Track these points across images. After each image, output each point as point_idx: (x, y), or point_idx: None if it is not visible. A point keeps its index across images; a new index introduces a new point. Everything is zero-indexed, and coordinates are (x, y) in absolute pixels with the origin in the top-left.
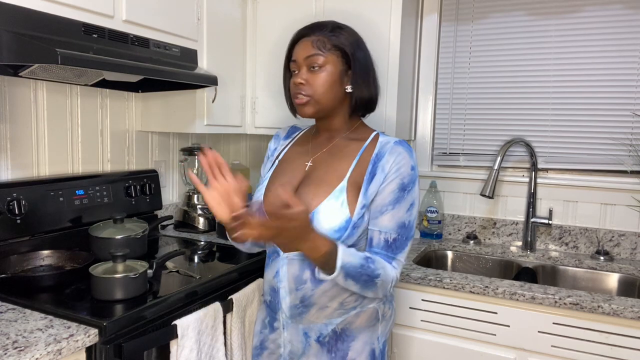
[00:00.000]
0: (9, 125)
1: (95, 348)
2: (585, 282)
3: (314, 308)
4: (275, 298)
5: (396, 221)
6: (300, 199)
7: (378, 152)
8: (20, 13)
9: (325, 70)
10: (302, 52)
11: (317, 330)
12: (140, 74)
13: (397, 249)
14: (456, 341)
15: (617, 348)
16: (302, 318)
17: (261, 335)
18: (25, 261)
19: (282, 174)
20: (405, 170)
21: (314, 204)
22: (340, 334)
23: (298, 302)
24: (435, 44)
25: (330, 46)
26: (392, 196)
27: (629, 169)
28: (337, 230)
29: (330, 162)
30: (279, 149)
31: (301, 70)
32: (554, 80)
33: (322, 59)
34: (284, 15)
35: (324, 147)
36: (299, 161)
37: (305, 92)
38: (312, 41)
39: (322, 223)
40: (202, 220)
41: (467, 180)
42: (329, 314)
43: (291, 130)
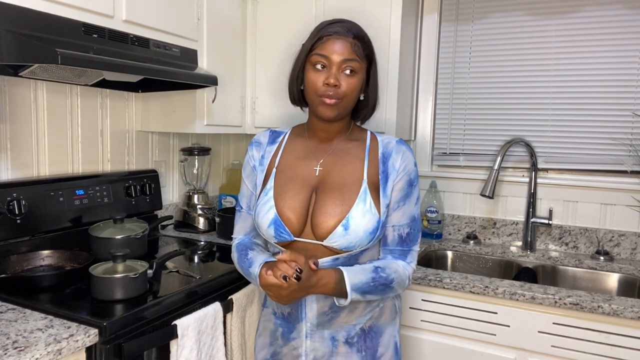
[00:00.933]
0: (9, 125)
1: (95, 348)
2: (585, 282)
3: (344, 312)
4: (297, 309)
5: (408, 215)
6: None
7: (384, 151)
8: (20, 13)
9: (357, 77)
10: (340, 52)
11: (345, 332)
12: (140, 74)
13: (410, 242)
14: (456, 341)
15: (617, 348)
16: (331, 323)
17: (271, 348)
18: (25, 261)
19: (290, 183)
20: (411, 167)
21: (345, 210)
22: (369, 331)
23: (327, 309)
24: (435, 44)
25: (363, 54)
26: (402, 193)
27: (629, 169)
28: (372, 232)
29: (341, 164)
30: (268, 156)
31: (333, 70)
32: (554, 80)
33: (358, 65)
34: (284, 15)
35: (327, 150)
36: (304, 167)
37: (338, 96)
38: (352, 44)
39: (358, 228)
40: (202, 220)
41: (467, 180)
42: (359, 314)
43: (273, 135)
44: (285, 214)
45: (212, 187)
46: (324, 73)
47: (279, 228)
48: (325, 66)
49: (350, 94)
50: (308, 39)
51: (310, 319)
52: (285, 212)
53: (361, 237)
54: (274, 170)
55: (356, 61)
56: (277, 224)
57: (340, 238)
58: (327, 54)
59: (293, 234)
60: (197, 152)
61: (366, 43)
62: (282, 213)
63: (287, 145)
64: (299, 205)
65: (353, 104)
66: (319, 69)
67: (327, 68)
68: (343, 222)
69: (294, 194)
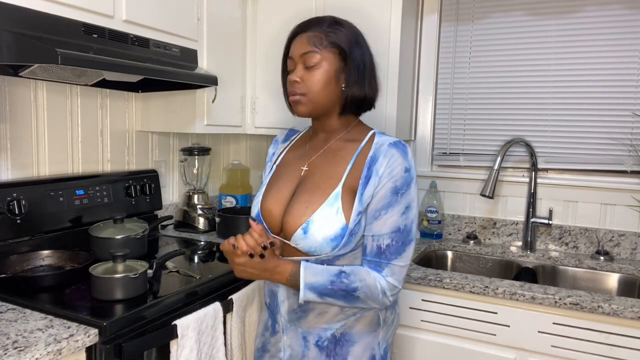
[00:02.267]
0: (9, 125)
1: (95, 348)
2: (585, 282)
3: (312, 313)
4: (274, 301)
5: (389, 226)
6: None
7: (373, 154)
8: (20, 13)
9: (321, 68)
10: (298, 48)
11: (316, 335)
12: (140, 74)
13: (391, 255)
14: (456, 341)
15: (617, 348)
16: (300, 322)
17: (263, 337)
18: (25, 261)
19: (277, 180)
20: (398, 172)
21: (308, 213)
22: (340, 338)
23: (296, 307)
24: (435, 44)
25: (326, 43)
26: (385, 200)
27: (629, 169)
28: (333, 239)
29: (326, 165)
30: (277, 153)
31: (297, 68)
32: (554, 80)
33: (318, 56)
34: (284, 15)
35: (319, 149)
36: (294, 166)
37: (300, 91)
38: (309, 37)
39: (316, 233)
40: (202, 220)
41: (467, 180)
42: (328, 319)
43: (290, 133)
44: (267, 209)
45: (212, 187)
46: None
47: (259, 222)
48: (292, 68)
49: (314, 85)
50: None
51: (282, 314)
52: (267, 207)
53: (320, 243)
54: (274, 167)
55: (314, 52)
56: (259, 218)
57: (300, 241)
58: (290, 54)
59: (272, 229)
60: (197, 152)
61: (332, 29)
62: (264, 209)
63: (294, 143)
64: (279, 202)
65: (325, 95)
66: (291, 70)
67: (293, 69)
68: (303, 225)
69: (276, 191)
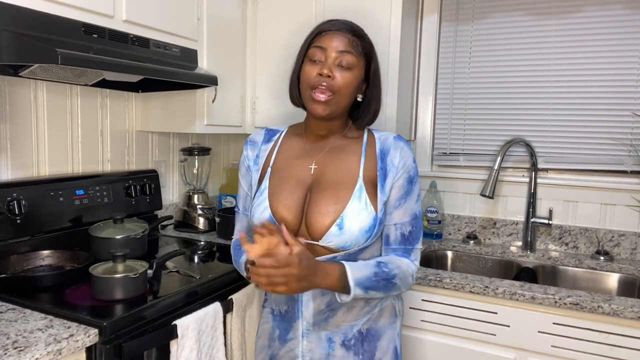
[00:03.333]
0: (9, 125)
1: (95, 348)
2: (585, 282)
3: (341, 310)
4: (293, 307)
5: (409, 213)
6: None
7: (381, 147)
8: (20, 13)
9: (353, 72)
10: (337, 43)
11: (342, 334)
12: (140, 74)
13: (413, 240)
14: (456, 341)
15: (617, 348)
16: (327, 323)
17: (269, 349)
18: (25, 261)
19: (284, 182)
20: (410, 163)
21: (339, 209)
22: (366, 334)
23: (324, 307)
24: (435, 44)
25: (361, 51)
26: (403, 190)
27: (629, 169)
28: (368, 230)
29: (336, 162)
30: (263, 155)
31: (328, 62)
32: (554, 80)
33: (354, 60)
34: (284, 15)
35: (323, 147)
36: (299, 166)
37: (330, 87)
38: (349, 39)
39: (352, 226)
40: (202, 220)
41: (467, 180)
42: (356, 314)
43: (269, 134)
44: (280, 214)
45: (212, 187)
46: (319, 66)
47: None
48: (322, 60)
49: (345, 88)
50: (307, 35)
51: (306, 317)
52: (279, 212)
53: (357, 236)
54: (268, 170)
55: (353, 55)
56: None
57: (335, 238)
58: (324, 45)
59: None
60: (197, 152)
61: (366, 42)
62: (277, 213)
63: (283, 144)
64: (294, 204)
65: (347, 101)
66: (315, 62)
67: (322, 62)
68: (337, 222)
69: (288, 193)
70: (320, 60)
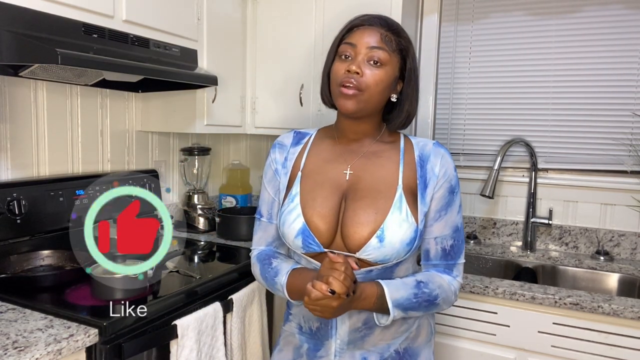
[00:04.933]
0: (9, 125)
1: (95, 348)
2: (585, 282)
3: (378, 328)
4: (326, 324)
5: (450, 226)
6: (355, 214)
7: (420, 154)
8: (20, 13)
9: (385, 69)
10: (368, 39)
11: (377, 354)
12: (140, 74)
13: (455, 254)
14: (456, 341)
15: (617, 348)
16: (363, 342)
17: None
18: (25, 261)
19: (318, 188)
20: (451, 172)
21: (379, 219)
22: (403, 354)
23: (360, 325)
24: (435, 44)
25: (395, 47)
26: (444, 201)
27: (629, 169)
28: (409, 242)
29: (373, 168)
30: (291, 158)
31: (358, 59)
32: (554, 80)
33: (387, 56)
34: (284, 15)
35: (358, 152)
36: (332, 171)
37: (359, 84)
38: (381, 34)
39: (393, 239)
40: (202, 220)
41: (467, 180)
42: (394, 332)
43: (298, 136)
44: (314, 222)
45: (212, 187)
46: (348, 62)
47: (307, 239)
48: (351, 56)
49: (374, 86)
50: (339, 32)
51: (341, 336)
52: (314, 220)
53: (398, 249)
54: (299, 174)
55: (384, 51)
56: (306, 234)
57: (374, 250)
58: (354, 41)
59: (322, 244)
60: (197, 152)
61: (401, 37)
62: (311, 222)
63: (313, 146)
64: (329, 213)
65: (378, 99)
66: (344, 58)
67: (352, 58)
68: (378, 233)
69: (322, 200)
70: (350, 57)
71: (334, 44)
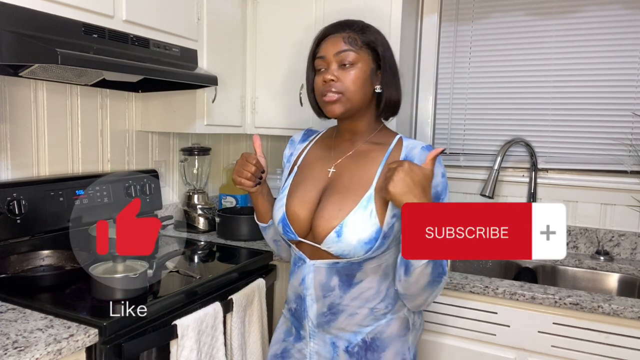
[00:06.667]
0: (9, 125)
1: (95, 348)
2: (585, 282)
3: (342, 315)
4: (301, 306)
5: None
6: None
7: (406, 157)
8: (20, 13)
9: (357, 67)
10: (332, 48)
11: (345, 340)
12: (140, 74)
13: None
14: (456, 341)
15: (617, 348)
16: (330, 326)
17: (284, 343)
18: (25, 261)
19: (302, 182)
20: (437, 179)
21: (341, 216)
22: (371, 343)
23: (325, 310)
24: (435, 44)
25: (361, 43)
26: None
27: (629, 169)
28: (367, 242)
29: (355, 168)
30: (296, 154)
31: (331, 67)
32: (554, 80)
33: (354, 55)
34: (284, 15)
35: (346, 151)
36: (320, 167)
37: (336, 89)
38: (343, 37)
39: (350, 236)
40: (202, 220)
41: (467, 180)
42: (359, 321)
43: (307, 134)
44: (294, 213)
45: (212, 187)
46: (324, 73)
47: (285, 226)
48: (324, 67)
49: (352, 85)
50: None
51: (311, 318)
52: (293, 210)
53: (354, 246)
54: (295, 168)
55: (351, 51)
56: (285, 222)
57: (333, 244)
58: (322, 54)
59: (298, 233)
60: (197, 152)
61: (365, 32)
62: (290, 212)
63: (315, 144)
64: (306, 205)
65: (361, 95)
66: (320, 71)
67: (326, 68)
68: (337, 229)
69: (303, 193)
70: (322, 68)
71: (309, 61)
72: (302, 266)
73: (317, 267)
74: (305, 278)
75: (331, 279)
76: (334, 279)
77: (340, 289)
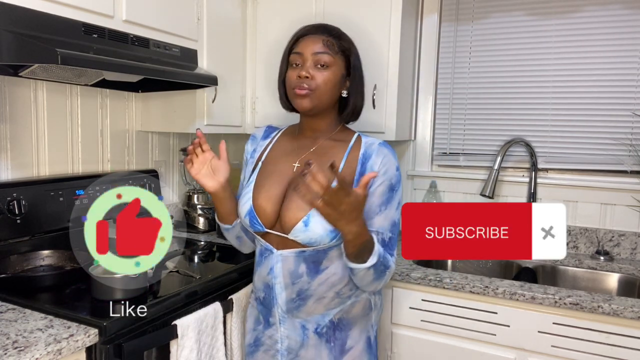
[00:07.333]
0: (9, 125)
1: (95, 348)
2: (585, 282)
3: (311, 300)
4: (269, 294)
5: (389, 220)
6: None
7: (365, 152)
8: (20, 13)
9: (330, 70)
10: (311, 47)
11: (314, 322)
12: (140, 74)
13: (392, 246)
14: (456, 341)
15: (617, 348)
16: (299, 311)
17: (255, 332)
18: (25, 261)
19: (268, 177)
20: (392, 171)
21: (308, 207)
22: (338, 323)
23: (295, 296)
24: (435, 44)
25: (337, 49)
26: (384, 197)
27: (629, 169)
28: (332, 230)
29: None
30: (259, 150)
31: (307, 64)
32: (554, 80)
33: (330, 58)
34: (284, 15)
35: (309, 147)
36: (284, 163)
37: (309, 86)
38: (322, 40)
39: (317, 225)
40: (202, 220)
41: (467, 180)
42: (327, 304)
43: (268, 130)
44: (261, 206)
45: None
46: (299, 69)
47: (252, 219)
48: (300, 64)
49: (324, 85)
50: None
51: (280, 305)
52: (260, 204)
53: (321, 234)
54: (259, 164)
55: (328, 54)
56: (252, 215)
57: (301, 233)
58: (299, 50)
59: (265, 225)
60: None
61: (342, 40)
62: (257, 205)
63: (278, 141)
64: (273, 199)
65: (329, 96)
66: (295, 66)
67: (301, 65)
68: (304, 219)
69: (269, 187)
70: (299, 65)
71: (284, 55)
72: (270, 256)
73: (284, 256)
74: (274, 267)
75: (299, 267)
76: (301, 266)
77: (308, 276)
